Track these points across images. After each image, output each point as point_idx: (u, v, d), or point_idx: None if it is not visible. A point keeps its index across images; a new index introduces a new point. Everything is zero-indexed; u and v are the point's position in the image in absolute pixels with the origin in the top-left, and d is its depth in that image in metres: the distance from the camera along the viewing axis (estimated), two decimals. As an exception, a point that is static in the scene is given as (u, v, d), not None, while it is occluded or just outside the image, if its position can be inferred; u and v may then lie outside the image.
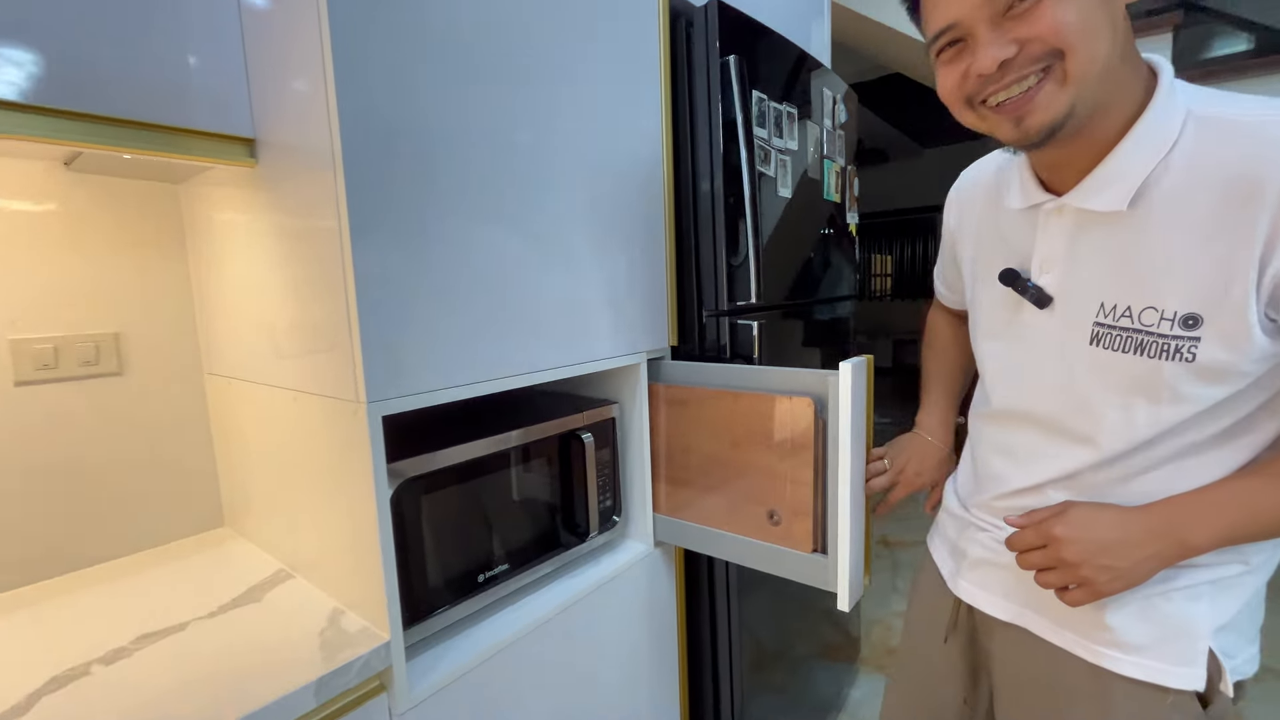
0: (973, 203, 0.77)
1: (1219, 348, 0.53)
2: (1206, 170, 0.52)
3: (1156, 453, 0.59)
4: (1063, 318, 0.63)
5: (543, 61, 0.83)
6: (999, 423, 0.73)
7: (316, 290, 0.71)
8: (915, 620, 0.87)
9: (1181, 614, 0.60)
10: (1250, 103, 0.53)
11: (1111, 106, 0.55)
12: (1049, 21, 0.49)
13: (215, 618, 0.76)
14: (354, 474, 0.70)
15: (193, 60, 0.72)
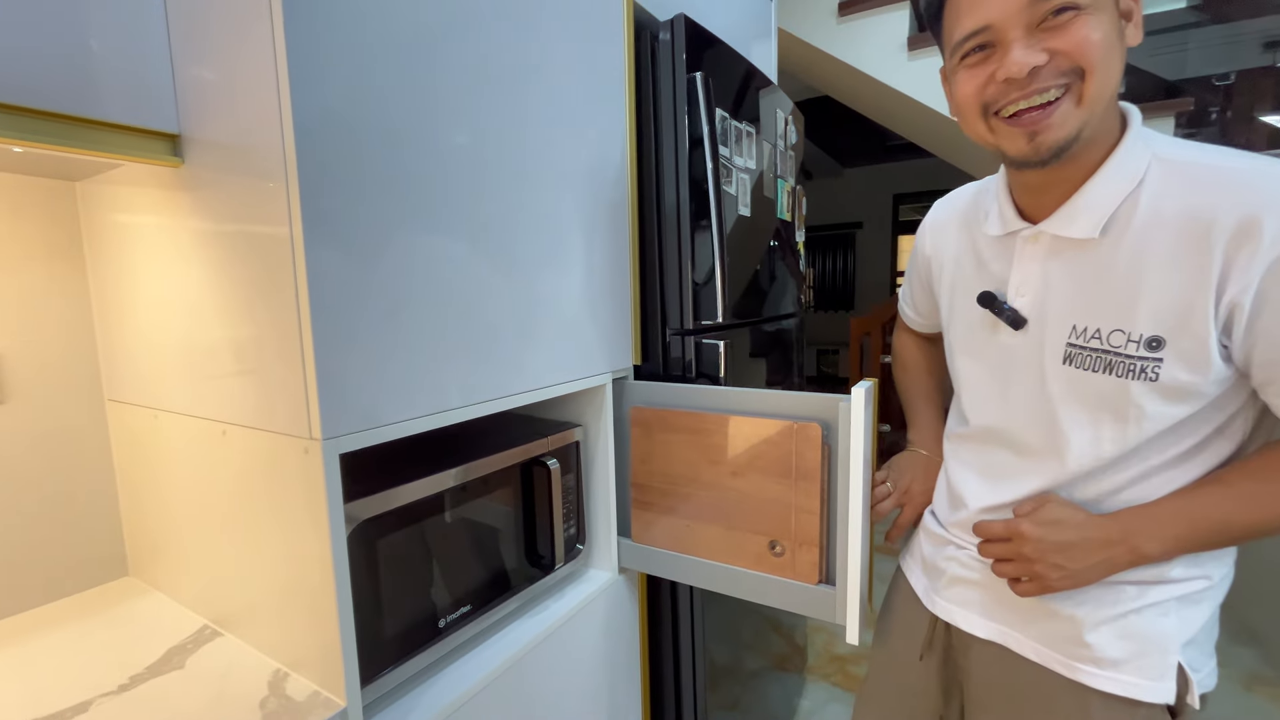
0: (948, 232, 0.79)
1: (1180, 368, 0.57)
2: (1169, 207, 0.57)
3: (1120, 475, 0.62)
4: (1037, 339, 0.65)
5: (507, 66, 0.78)
6: (974, 442, 0.75)
7: (259, 311, 0.62)
8: (889, 637, 0.88)
9: (1153, 630, 0.63)
10: (1209, 151, 0.58)
11: (1097, 139, 0.58)
12: (1080, 38, 0.53)
13: (127, 692, 0.65)
14: (303, 519, 0.62)
15: (101, 40, 0.62)
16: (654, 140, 1.07)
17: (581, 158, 0.92)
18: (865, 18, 2.24)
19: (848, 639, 0.81)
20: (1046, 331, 0.65)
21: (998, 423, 0.71)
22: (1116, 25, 0.55)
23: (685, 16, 1.02)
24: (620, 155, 1.02)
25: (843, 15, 2.27)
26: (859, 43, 2.26)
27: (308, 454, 0.60)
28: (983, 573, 0.73)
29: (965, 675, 0.77)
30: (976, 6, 0.56)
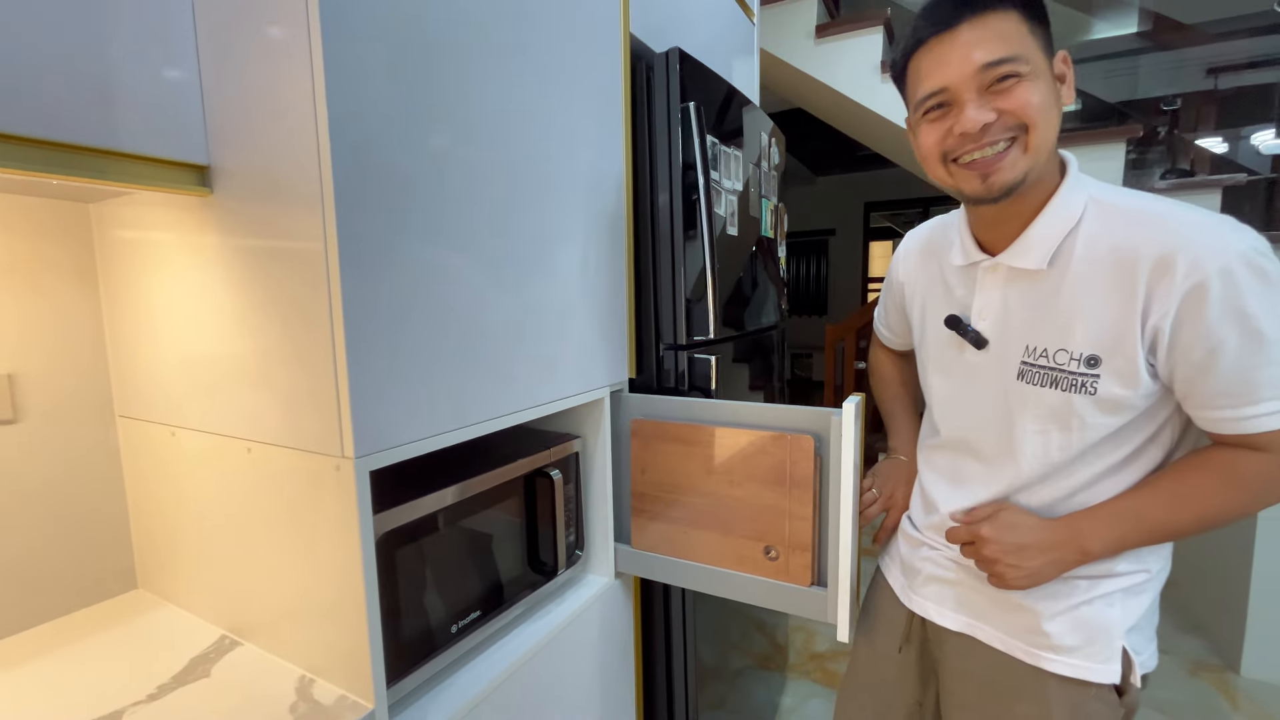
0: (918, 261, 0.88)
1: (1114, 384, 0.65)
2: (1102, 244, 0.65)
3: (1069, 481, 0.71)
4: (996, 357, 0.74)
5: (524, 96, 0.83)
6: (945, 451, 0.83)
7: (290, 334, 0.66)
8: (870, 632, 0.95)
9: (1102, 619, 0.71)
10: (1133, 196, 0.68)
11: (1042, 181, 0.68)
12: (1023, 101, 0.62)
13: (157, 701, 0.68)
14: (331, 532, 0.65)
15: (132, 75, 0.64)
16: (649, 164, 1.13)
17: (583, 184, 0.98)
18: (841, 40, 2.34)
19: (839, 637, 0.88)
20: (1004, 351, 0.73)
21: (964, 433, 0.79)
22: (1053, 88, 0.64)
23: (680, 50, 1.08)
24: (617, 179, 1.07)
25: (820, 37, 2.36)
26: (835, 64, 2.35)
27: (339, 471, 0.63)
28: (954, 571, 0.80)
29: (940, 665, 0.85)
30: (935, 71, 0.65)
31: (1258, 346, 0.59)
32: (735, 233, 1.31)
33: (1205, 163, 2.67)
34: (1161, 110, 3.02)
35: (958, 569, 0.80)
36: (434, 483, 0.81)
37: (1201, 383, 0.63)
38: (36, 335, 0.83)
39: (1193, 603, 2.35)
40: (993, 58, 0.62)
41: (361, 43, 0.62)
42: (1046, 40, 0.64)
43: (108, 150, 0.64)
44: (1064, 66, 0.65)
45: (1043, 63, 0.64)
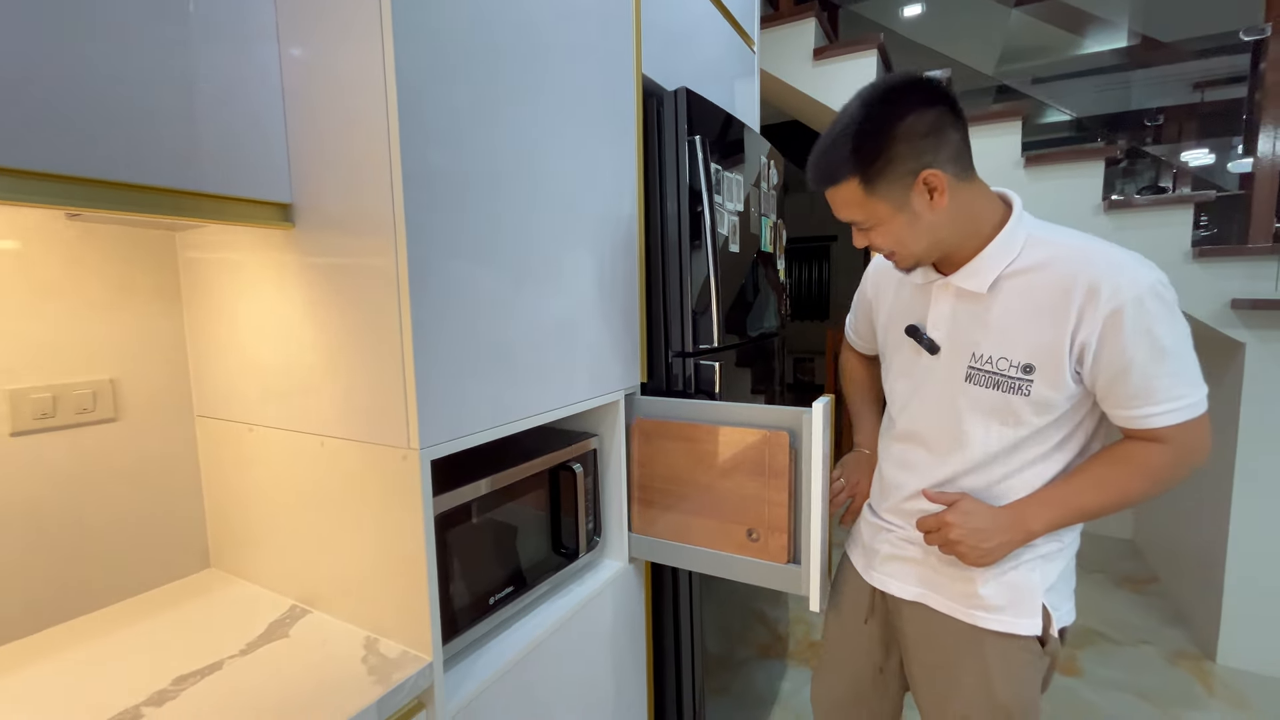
0: (886, 278, 1.02)
1: (1045, 387, 0.79)
2: (1040, 274, 0.79)
3: (1004, 466, 0.84)
4: (947, 362, 0.88)
5: (553, 133, 0.96)
6: (901, 442, 0.96)
7: (364, 344, 0.78)
8: (838, 609, 1.09)
9: (1024, 582, 0.85)
10: (1065, 233, 0.82)
11: (971, 237, 0.82)
12: (875, 241, 0.84)
13: (248, 655, 0.80)
14: (396, 513, 0.78)
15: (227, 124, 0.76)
16: (659, 190, 1.26)
17: (601, 209, 1.10)
18: (837, 62, 2.46)
19: (811, 607, 1.01)
20: (954, 357, 0.86)
21: (917, 425, 0.93)
22: (907, 219, 0.79)
23: (686, 90, 1.21)
24: (631, 204, 1.20)
25: (817, 60, 2.49)
26: (832, 84, 2.48)
27: (405, 460, 0.76)
28: (908, 549, 0.94)
29: (899, 632, 0.98)
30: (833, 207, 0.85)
31: (1160, 360, 0.74)
32: (737, 249, 1.44)
33: (1186, 177, 2.79)
34: (1145, 125, 3.14)
35: (911, 548, 0.94)
36: (475, 472, 0.94)
37: (1118, 387, 0.76)
38: (129, 345, 0.96)
39: (1174, 597, 2.46)
40: (845, 219, 0.84)
41: (427, 101, 0.74)
42: (892, 181, 0.77)
43: (201, 193, 0.75)
44: (934, 181, 0.76)
45: (885, 210, 0.79)
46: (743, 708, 1.68)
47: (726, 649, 1.56)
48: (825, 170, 0.81)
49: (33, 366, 0.85)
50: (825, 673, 1.11)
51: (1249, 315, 1.88)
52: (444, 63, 0.77)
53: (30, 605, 0.86)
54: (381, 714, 0.71)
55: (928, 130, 0.75)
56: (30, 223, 0.85)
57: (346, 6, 0.74)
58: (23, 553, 0.85)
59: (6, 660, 0.80)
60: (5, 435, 0.83)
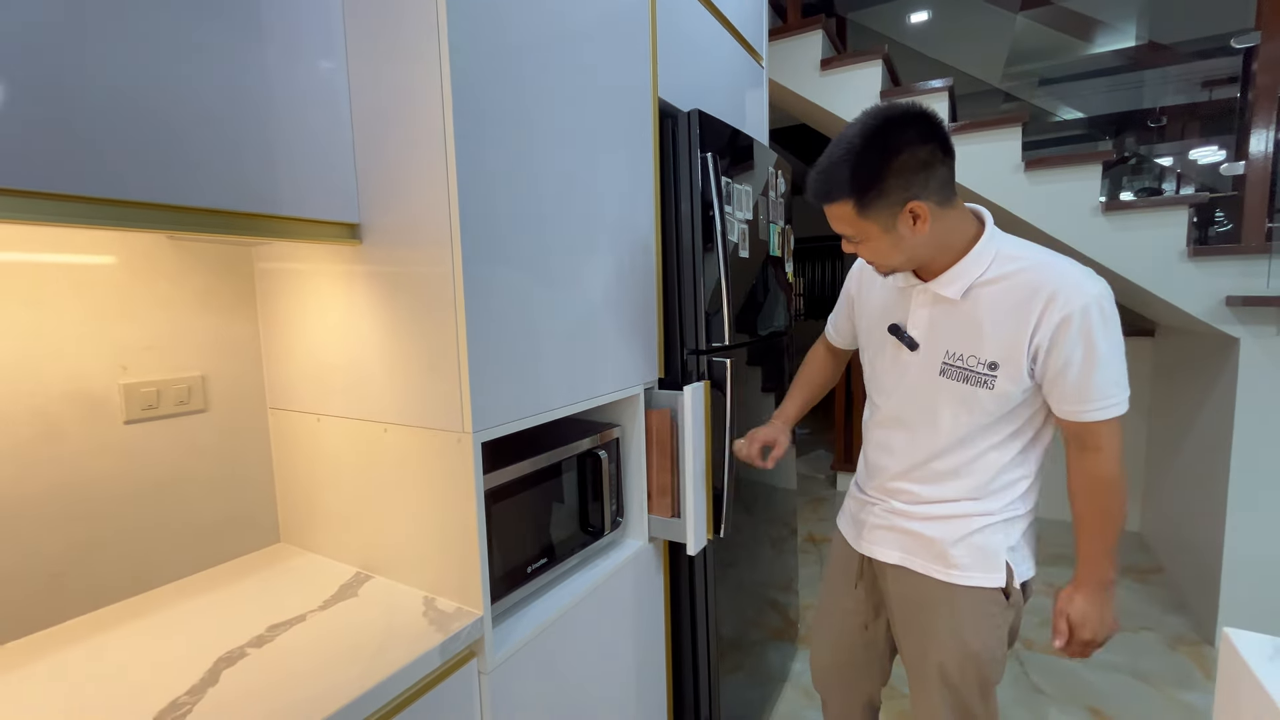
0: (866, 280, 1.15)
1: (1006, 382, 0.92)
2: (1007, 284, 0.92)
3: (971, 450, 0.98)
4: (924, 358, 1.00)
5: (585, 156, 1.09)
6: (883, 428, 1.09)
7: (423, 341, 0.91)
8: (831, 576, 1.23)
9: (988, 543, 0.99)
10: (1028, 248, 0.94)
11: (947, 251, 0.94)
12: (862, 252, 0.97)
13: (326, 610, 0.94)
14: (454, 488, 0.91)
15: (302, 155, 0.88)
16: (674, 202, 1.38)
17: (623, 220, 1.23)
18: (844, 72, 2.57)
19: (688, 551, 1.32)
20: (930, 353, 0.99)
21: (898, 411, 1.06)
22: (891, 236, 0.90)
23: (699, 111, 1.33)
24: (648, 214, 1.32)
25: (824, 70, 2.60)
26: (839, 93, 2.59)
27: (459, 443, 0.89)
28: (893, 520, 1.07)
29: (885, 593, 1.11)
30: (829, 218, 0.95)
31: (1094, 363, 0.87)
32: (746, 255, 1.55)
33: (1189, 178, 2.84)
34: (1149, 125, 3.19)
35: (895, 518, 1.07)
36: (513, 458, 1.07)
37: (1059, 384, 0.90)
38: (214, 346, 1.10)
39: (1176, 586, 2.52)
40: (837, 231, 0.95)
41: (480, 126, 0.87)
42: (882, 208, 0.88)
43: (280, 216, 0.88)
44: (919, 211, 0.87)
45: (874, 230, 0.90)
46: (755, 685, 1.79)
47: (740, 631, 1.67)
48: (823, 189, 0.92)
49: (140, 364, 1.00)
50: (819, 635, 1.26)
51: (1243, 312, 1.96)
52: (494, 86, 0.90)
53: (135, 570, 1.00)
54: (444, 655, 0.84)
55: (918, 167, 0.85)
56: (136, 242, 0.99)
57: (409, 40, 0.87)
58: (131, 525, 0.99)
59: (121, 614, 0.94)
60: (120, 423, 0.97)
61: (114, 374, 0.97)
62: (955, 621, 1.00)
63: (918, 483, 1.03)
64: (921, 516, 1.04)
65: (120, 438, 0.97)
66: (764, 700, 1.87)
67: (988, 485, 0.99)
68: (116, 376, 0.97)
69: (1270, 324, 1.94)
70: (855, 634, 1.18)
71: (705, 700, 1.50)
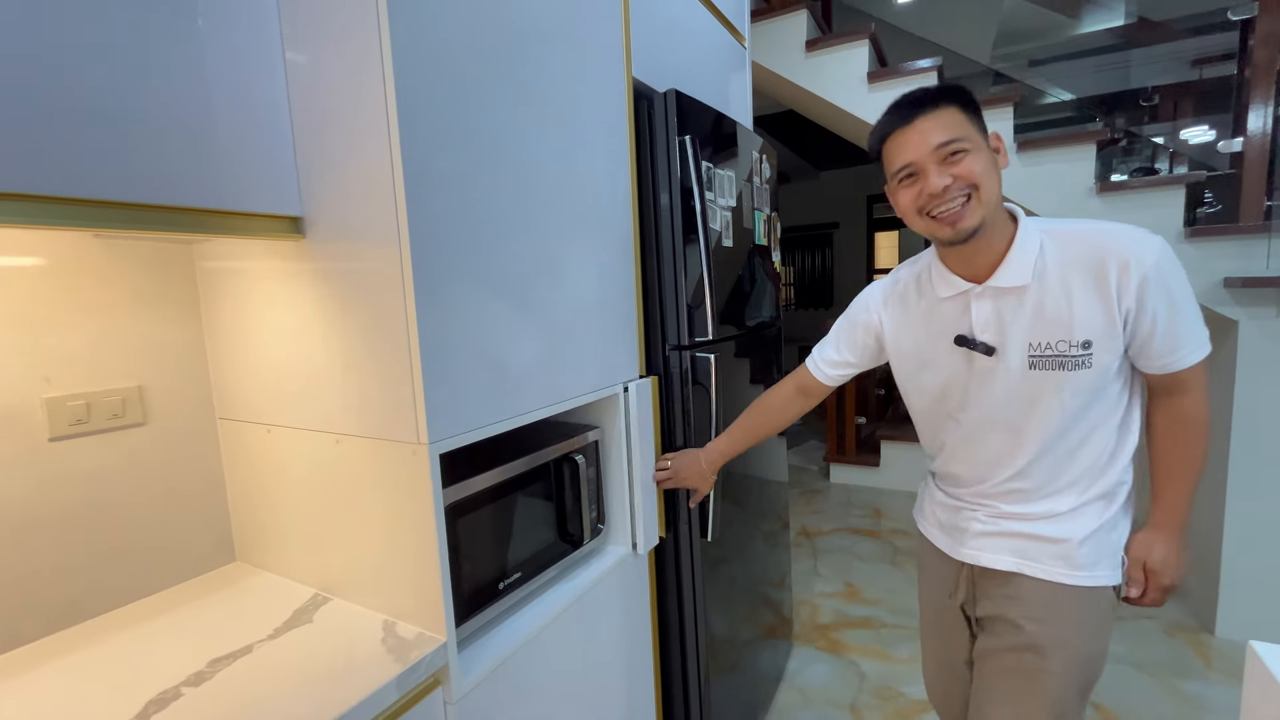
0: (893, 307, 1.09)
1: (1104, 355, 0.89)
2: (1068, 261, 0.89)
3: (1075, 434, 0.94)
4: (1005, 359, 0.94)
5: (548, 143, 1.00)
6: (971, 442, 1.03)
7: (374, 348, 0.83)
8: (927, 585, 1.18)
9: (1113, 541, 0.97)
10: (1074, 222, 0.92)
11: (997, 227, 0.91)
12: (969, 168, 0.86)
13: (275, 639, 0.86)
14: (409, 505, 0.83)
15: (236, 144, 0.81)
16: (652, 190, 1.30)
17: (597, 209, 1.15)
18: (830, 53, 2.49)
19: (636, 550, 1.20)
20: (1011, 351, 0.94)
21: (986, 421, 0.99)
22: (991, 158, 0.88)
23: (676, 91, 1.25)
24: (625, 203, 1.24)
25: (810, 51, 2.51)
26: (825, 76, 2.51)
27: (415, 455, 0.81)
28: (999, 525, 1.01)
29: (989, 601, 1.03)
30: (904, 151, 0.89)
31: (1176, 313, 0.86)
32: (730, 244, 1.48)
33: (1183, 156, 2.79)
34: (1141, 105, 3.13)
35: (1002, 523, 1.01)
36: (482, 466, 0.99)
37: (1150, 343, 0.88)
38: (153, 353, 1.02)
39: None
40: (944, 139, 0.86)
41: (426, 110, 0.79)
42: (981, 126, 0.88)
43: (216, 210, 0.80)
44: (997, 142, 0.90)
45: (980, 141, 0.87)
46: (748, 686, 1.74)
47: (731, 630, 1.61)
48: (927, 95, 0.88)
49: (67, 375, 0.91)
50: (928, 651, 1.21)
51: (1241, 293, 1.91)
52: (441, 72, 0.81)
53: (71, 600, 0.92)
54: (401, 689, 0.77)
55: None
56: (59, 241, 0.90)
57: (348, 27, 0.78)
58: (62, 551, 0.91)
59: (51, 649, 0.87)
60: (44, 441, 0.89)
61: (35, 387, 0.88)
62: (1074, 626, 0.96)
63: (1030, 482, 0.97)
64: (1041, 516, 0.98)
65: (45, 456, 0.89)
66: (758, 703, 1.82)
67: (1104, 467, 0.96)
68: (38, 389, 0.88)
69: (1270, 305, 1.89)
70: (958, 644, 1.12)
71: (696, 707, 1.44)
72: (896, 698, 1.87)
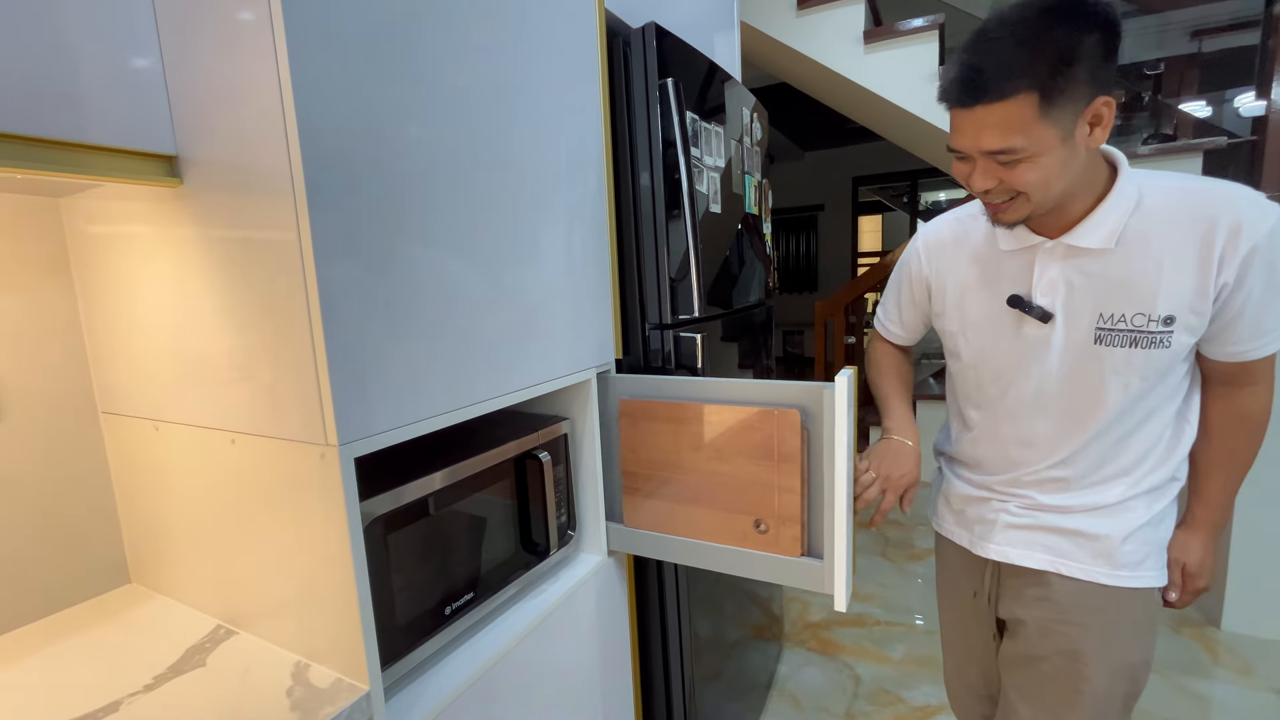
0: (944, 253, 0.94)
1: (1184, 334, 0.77)
2: (1168, 221, 0.75)
3: (1130, 420, 0.83)
4: (1067, 328, 0.82)
5: (492, 76, 0.82)
6: (1013, 419, 0.89)
7: (268, 323, 0.65)
8: (949, 586, 1.07)
9: (1158, 537, 0.87)
10: (1183, 178, 0.78)
11: (1080, 193, 0.77)
12: (1020, 178, 0.73)
13: (153, 691, 0.68)
14: (319, 520, 0.66)
15: (91, 64, 0.63)
16: (629, 143, 1.12)
17: (562, 165, 0.97)
18: (824, 11, 2.30)
19: (836, 606, 0.90)
20: (1075, 321, 0.81)
21: (1034, 397, 0.86)
22: (1060, 154, 0.71)
23: (655, 24, 1.07)
24: (597, 157, 1.06)
25: (802, 9, 2.33)
26: (818, 36, 2.32)
27: (324, 459, 0.64)
28: (1034, 518, 0.90)
29: (1017, 600, 0.92)
30: (957, 135, 0.76)
31: (1273, 291, 0.74)
32: (718, 210, 1.31)
33: (1188, 127, 2.68)
34: (1145, 75, 3.01)
35: (1034, 515, 0.89)
36: (424, 467, 0.82)
37: (1235, 324, 0.76)
38: (13, 334, 0.82)
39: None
40: (993, 148, 0.71)
41: (327, 24, 0.60)
42: (1068, 105, 0.68)
43: (70, 143, 0.62)
44: (1105, 112, 0.69)
45: (1051, 139, 0.69)
46: (737, 694, 1.60)
47: (717, 631, 1.46)
48: (992, 78, 0.67)
49: (-121, 361, 0.71)
50: (951, 655, 1.11)
51: (1260, 269, 1.79)
52: (348, -27, 0.62)
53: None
54: (304, 760, 0.60)
55: (1106, 54, 0.67)
56: None
57: (218, -100, 0.59)
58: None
59: None
60: None
61: None
62: (1116, 631, 0.86)
63: (1074, 470, 0.86)
64: (1083, 508, 0.86)
65: None
66: (747, 712, 1.68)
67: (1161, 458, 0.85)
68: None
69: (1289, 282, 1.77)
70: (980, 647, 1.02)
71: (680, 724, 1.29)
72: (895, 703, 1.74)
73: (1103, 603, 0.86)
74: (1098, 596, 0.86)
